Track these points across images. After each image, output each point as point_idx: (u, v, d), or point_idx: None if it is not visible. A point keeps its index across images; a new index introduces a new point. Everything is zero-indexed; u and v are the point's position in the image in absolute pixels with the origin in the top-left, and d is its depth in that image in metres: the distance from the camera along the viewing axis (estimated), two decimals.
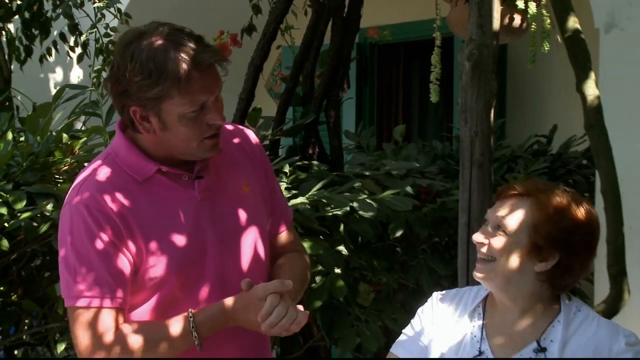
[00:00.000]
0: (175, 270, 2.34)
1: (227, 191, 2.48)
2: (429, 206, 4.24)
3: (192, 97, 2.26)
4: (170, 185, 2.39)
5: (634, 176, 3.73)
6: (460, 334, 2.30)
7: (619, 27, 4.58)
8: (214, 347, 2.36)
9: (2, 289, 4.18)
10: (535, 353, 2.20)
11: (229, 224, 2.45)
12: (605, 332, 2.21)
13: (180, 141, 2.33)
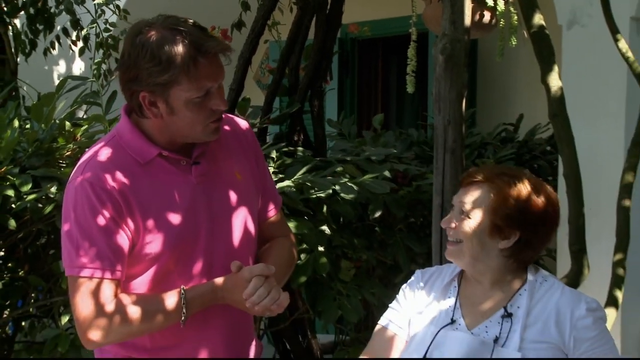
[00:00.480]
0: (170, 247, 2.33)
1: (220, 177, 2.46)
2: (405, 189, 4.25)
3: (199, 84, 2.26)
4: (170, 169, 2.37)
5: (594, 162, 3.74)
6: (439, 306, 2.31)
7: (580, 23, 4.58)
8: (202, 322, 2.37)
9: (10, 265, 4.18)
10: (502, 318, 2.21)
11: (221, 208, 2.44)
12: (567, 299, 2.23)
13: (185, 125, 2.32)
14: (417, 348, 2.26)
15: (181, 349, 2.40)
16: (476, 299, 2.29)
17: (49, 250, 4.14)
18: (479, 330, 2.23)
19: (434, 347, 2.22)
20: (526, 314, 2.21)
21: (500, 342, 2.19)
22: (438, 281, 2.38)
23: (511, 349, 2.17)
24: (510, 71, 6.40)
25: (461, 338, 2.22)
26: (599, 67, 4.41)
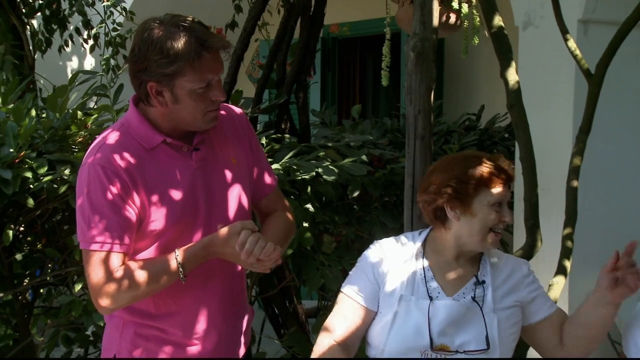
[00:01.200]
0: (173, 223, 2.35)
1: (218, 162, 2.47)
2: (381, 172, 4.25)
3: (202, 76, 2.29)
4: (173, 154, 2.39)
5: (546, 147, 3.75)
6: (408, 273, 2.31)
7: (534, 25, 4.59)
8: (201, 282, 2.39)
9: (29, 239, 4.17)
10: (475, 285, 2.23)
11: (218, 189, 2.45)
12: (514, 263, 2.34)
13: (188, 113, 2.34)
14: (417, 322, 2.24)
15: (182, 314, 2.41)
16: (447, 269, 2.30)
17: (64, 225, 4.14)
18: (457, 297, 2.25)
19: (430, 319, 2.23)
20: (492, 281, 2.24)
21: (481, 304, 2.22)
22: (403, 250, 2.38)
23: (488, 310, 2.22)
24: (473, 67, 6.40)
25: (449, 305, 2.23)
26: (550, 64, 4.42)
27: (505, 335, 2.20)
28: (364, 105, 7.30)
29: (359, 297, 2.34)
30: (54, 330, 4.08)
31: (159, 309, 2.41)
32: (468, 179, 2.24)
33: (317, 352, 2.30)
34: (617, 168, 4.60)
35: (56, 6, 5.62)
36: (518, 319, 2.26)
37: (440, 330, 2.20)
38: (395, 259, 2.35)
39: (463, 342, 2.18)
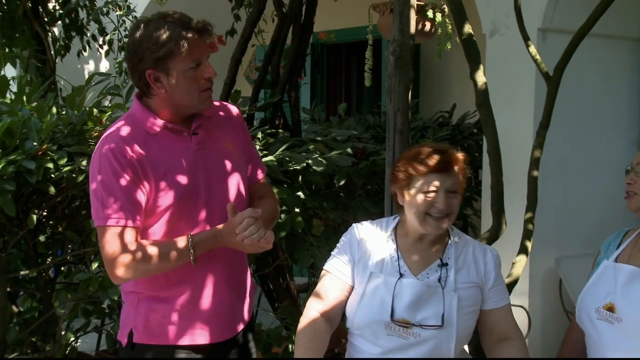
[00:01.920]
0: (177, 199, 2.36)
1: (215, 145, 2.49)
2: (364, 163, 4.25)
3: (191, 55, 2.30)
4: (174, 138, 2.40)
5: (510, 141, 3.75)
6: (381, 254, 2.30)
7: (499, 33, 4.59)
8: (207, 261, 2.39)
9: (51, 222, 4.17)
10: (439, 267, 2.22)
11: (216, 170, 2.46)
12: (479, 249, 2.29)
13: (185, 94, 2.35)
14: (375, 294, 2.25)
15: (190, 282, 2.42)
16: (415, 251, 2.29)
17: (82, 210, 4.13)
18: (422, 277, 2.23)
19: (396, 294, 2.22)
20: (455, 263, 2.23)
21: (443, 285, 2.21)
22: (374, 235, 2.37)
23: (449, 290, 2.19)
24: (446, 69, 6.40)
25: (413, 284, 2.22)
26: (514, 67, 4.43)
27: (463, 313, 2.18)
28: (349, 103, 7.29)
29: (339, 273, 2.34)
30: (74, 303, 4.08)
31: (169, 279, 2.40)
32: (406, 167, 2.26)
33: (302, 323, 2.30)
34: (572, 159, 4.61)
35: (75, 15, 5.60)
36: (478, 299, 2.23)
37: (403, 306, 2.19)
38: (370, 240, 2.35)
39: (423, 318, 2.16)
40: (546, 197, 3.63)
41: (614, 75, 4.85)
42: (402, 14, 2.88)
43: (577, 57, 3.16)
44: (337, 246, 2.42)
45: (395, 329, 2.18)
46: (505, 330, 2.23)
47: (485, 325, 2.26)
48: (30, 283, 4.18)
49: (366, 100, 7.57)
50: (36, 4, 5.29)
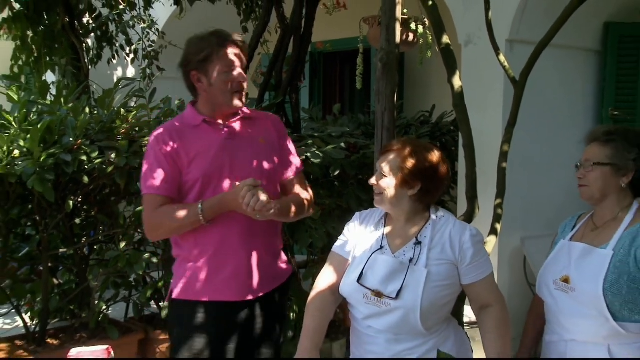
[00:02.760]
0: (202, 176, 2.46)
1: (246, 139, 2.57)
2: (355, 156, 4.24)
3: (225, 61, 2.46)
4: (209, 129, 2.52)
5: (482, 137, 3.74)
6: (372, 239, 2.29)
7: (473, 43, 4.58)
8: (226, 232, 2.48)
9: (85, 207, 4.20)
10: (414, 245, 2.20)
11: (242, 154, 2.53)
12: (457, 229, 2.21)
13: (220, 93, 2.49)
14: (356, 267, 2.24)
15: (212, 249, 2.49)
16: (396, 232, 2.27)
17: (111, 197, 4.14)
18: (399, 254, 2.21)
19: (368, 267, 2.21)
20: (430, 241, 2.20)
21: (414, 261, 2.17)
22: (371, 220, 2.35)
23: (420, 266, 2.16)
24: (427, 75, 6.39)
25: (386, 260, 2.19)
26: (485, 73, 4.43)
27: (431, 287, 2.13)
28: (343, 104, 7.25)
29: (342, 252, 2.34)
30: (105, 277, 4.08)
31: (197, 244, 2.49)
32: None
33: (312, 295, 2.30)
34: (535, 153, 4.62)
35: (105, 28, 5.58)
36: (451, 274, 2.18)
37: (378, 279, 2.18)
38: (367, 224, 2.34)
39: (392, 290, 2.14)
40: (513, 186, 3.63)
41: (572, 81, 4.86)
42: (389, 26, 2.87)
43: (540, 65, 3.15)
44: (344, 231, 2.41)
45: (372, 298, 2.18)
46: (487, 299, 2.22)
47: (470, 295, 2.25)
48: (68, 259, 4.19)
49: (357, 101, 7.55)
50: (72, 18, 5.28)
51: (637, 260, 2.15)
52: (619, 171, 2.25)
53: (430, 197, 2.26)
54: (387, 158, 2.24)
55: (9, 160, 3.39)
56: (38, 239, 3.97)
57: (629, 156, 2.24)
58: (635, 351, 2.17)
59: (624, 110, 4.84)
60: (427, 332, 2.17)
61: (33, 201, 3.82)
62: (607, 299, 2.15)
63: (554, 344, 2.34)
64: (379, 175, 2.25)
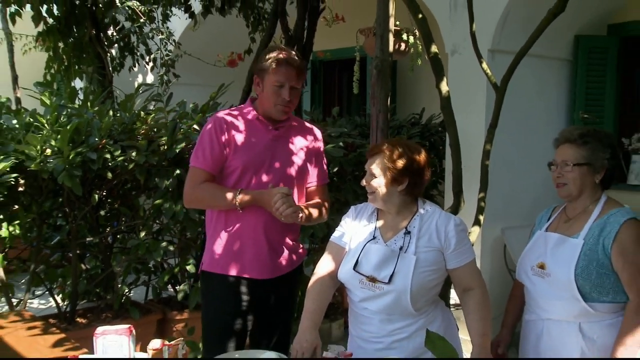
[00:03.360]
0: (243, 164, 2.51)
1: (288, 143, 2.62)
2: (352, 154, 4.24)
3: (278, 77, 2.50)
4: (260, 126, 2.57)
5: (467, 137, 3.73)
6: (366, 230, 2.28)
7: (459, 52, 4.57)
8: (253, 220, 2.52)
9: (109, 200, 4.18)
10: (404, 235, 2.19)
11: (281, 157, 2.58)
12: (443, 219, 2.20)
13: (268, 101, 2.53)
14: (352, 256, 2.23)
15: (239, 232, 2.54)
16: (387, 224, 2.25)
17: (132, 191, 4.13)
18: (390, 243, 2.20)
19: (362, 255, 2.20)
20: (418, 231, 2.18)
21: (404, 249, 2.16)
22: (365, 213, 2.33)
23: (410, 253, 2.15)
24: (417, 80, 6.38)
25: (379, 249, 2.19)
26: (470, 79, 4.41)
27: (419, 272, 2.12)
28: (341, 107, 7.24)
29: (340, 241, 2.33)
30: (127, 263, 4.08)
31: (227, 225, 2.56)
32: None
33: (312, 280, 2.29)
34: (515, 151, 4.61)
35: (127, 40, 5.59)
36: (437, 260, 2.17)
37: (372, 266, 2.17)
38: (361, 217, 2.33)
39: (385, 275, 2.14)
40: (495, 181, 3.62)
41: (547, 87, 4.86)
42: (383, 37, 2.86)
43: (519, 72, 3.14)
44: (341, 222, 2.40)
45: (366, 283, 2.17)
46: (469, 283, 2.21)
47: (454, 279, 2.24)
48: (94, 247, 4.19)
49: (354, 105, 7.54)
50: (98, 31, 5.28)
51: (604, 248, 2.16)
52: (594, 170, 2.25)
53: (417, 190, 2.25)
54: (375, 160, 2.22)
55: (42, 158, 3.40)
56: (68, 228, 3.97)
57: (603, 156, 2.24)
58: (603, 328, 2.18)
59: (592, 113, 4.86)
60: (417, 312, 2.16)
61: (63, 195, 3.82)
62: (578, 282, 2.17)
63: (533, 322, 2.35)
64: (369, 177, 2.23)
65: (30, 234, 3.93)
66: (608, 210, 2.22)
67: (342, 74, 7.71)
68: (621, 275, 2.15)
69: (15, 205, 3.76)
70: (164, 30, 5.58)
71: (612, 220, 2.18)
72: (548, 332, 2.28)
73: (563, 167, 2.28)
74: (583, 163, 2.24)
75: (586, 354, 2.19)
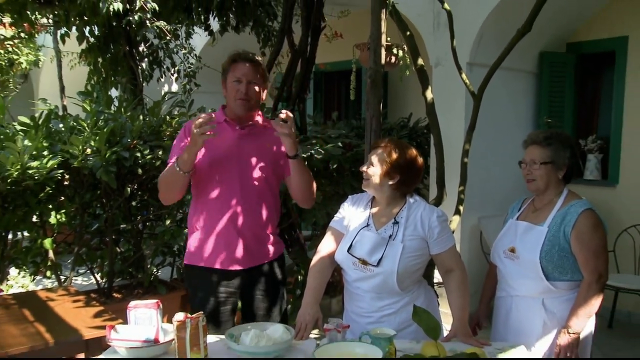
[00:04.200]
0: (209, 161, 2.38)
1: (255, 141, 2.44)
2: (350, 152, 4.22)
3: (234, 73, 2.39)
4: (227, 127, 2.42)
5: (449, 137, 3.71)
6: (361, 217, 2.26)
7: (441, 64, 4.55)
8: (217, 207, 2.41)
9: (139, 193, 4.16)
10: (393, 224, 2.17)
11: (248, 153, 2.41)
12: (427, 211, 2.17)
13: (229, 97, 2.41)
14: (347, 241, 2.21)
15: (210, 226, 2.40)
16: (379, 213, 2.23)
17: None
18: (381, 231, 2.17)
19: (356, 240, 2.18)
20: (405, 221, 2.16)
21: (392, 237, 2.14)
22: (360, 202, 2.31)
23: (397, 241, 2.13)
24: (405, 89, 6.36)
25: (371, 235, 2.17)
26: (451, 88, 4.40)
27: (405, 257, 2.11)
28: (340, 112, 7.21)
29: (338, 226, 2.31)
30: (155, 247, 4.08)
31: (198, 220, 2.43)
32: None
33: (314, 261, 2.27)
34: (490, 150, 4.60)
35: (155, 54, 5.59)
36: (422, 246, 2.15)
37: (365, 250, 2.16)
38: (357, 205, 2.32)
39: (375, 259, 2.12)
40: (472, 176, 3.60)
41: (516, 95, 4.86)
42: (376, 51, 2.84)
43: (492, 83, 3.14)
44: (339, 210, 2.38)
45: (359, 265, 2.15)
46: (450, 265, 2.19)
47: (437, 262, 2.22)
48: (127, 233, 4.18)
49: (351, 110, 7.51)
50: (131, 48, 5.29)
51: (565, 234, 2.18)
52: (558, 167, 2.25)
53: (406, 188, 2.21)
54: (377, 152, 2.20)
55: (83, 156, 3.40)
56: (105, 217, 3.97)
57: (565, 155, 2.25)
58: (562, 303, 2.20)
59: (555, 118, 4.89)
60: (402, 291, 2.15)
61: (101, 188, 3.82)
62: (543, 264, 2.18)
63: (503, 299, 2.35)
64: (368, 164, 2.20)
65: (74, 221, 3.94)
66: (569, 202, 2.23)
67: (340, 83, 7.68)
68: (578, 257, 2.16)
69: (61, 196, 3.77)
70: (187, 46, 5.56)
71: (572, 210, 2.19)
72: (516, 307, 2.29)
73: (532, 166, 2.27)
74: (548, 162, 2.24)
75: (547, 325, 2.20)
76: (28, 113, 3.72)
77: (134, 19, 3.43)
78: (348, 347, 1.85)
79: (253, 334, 1.93)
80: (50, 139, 3.49)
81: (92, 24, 4.89)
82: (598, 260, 2.13)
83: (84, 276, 4.72)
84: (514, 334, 2.26)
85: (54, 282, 4.32)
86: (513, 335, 2.25)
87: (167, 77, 6.02)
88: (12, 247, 3.78)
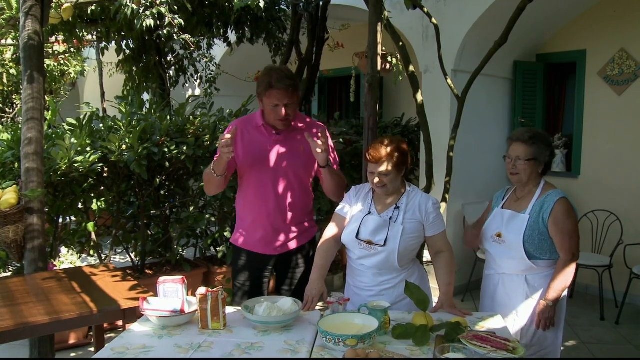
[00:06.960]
0: (248, 160, 2.31)
1: (290, 144, 2.33)
2: (350, 148, 4.18)
3: (271, 99, 2.23)
4: (264, 132, 2.32)
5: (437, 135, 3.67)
6: (364, 200, 2.22)
7: (430, 71, 4.50)
8: (258, 207, 2.35)
9: (167, 183, 4.14)
10: (393, 210, 2.14)
11: (284, 156, 2.32)
12: (424, 199, 2.14)
13: (269, 117, 2.29)
14: (354, 224, 2.17)
15: (248, 217, 2.39)
16: (382, 200, 2.20)
17: (184, 176, 4.09)
18: (383, 215, 2.15)
19: (362, 225, 2.14)
20: (405, 206, 2.14)
21: (393, 220, 2.12)
22: (363, 191, 2.27)
23: (398, 224, 2.11)
24: (399, 92, 6.30)
25: (374, 219, 2.14)
26: (438, 91, 4.35)
27: (404, 238, 2.08)
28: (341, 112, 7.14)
29: (342, 212, 2.27)
30: (181, 230, 4.06)
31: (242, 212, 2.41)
32: (367, 154, 2.13)
33: (321, 242, 2.24)
34: (472, 146, 4.57)
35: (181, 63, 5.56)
36: (419, 229, 2.12)
37: (368, 232, 2.12)
38: (360, 193, 2.28)
39: (379, 239, 2.09)
40: (457, 169, 3.57)
41: (494, 98, 4.82)
42: (373, 59, 2.79)
43: (474, 87, 3.10)
44: (343, 199, 2.33)
45: (364, 245, 2.12)
46: (440, 247, 2.16)
47: (429, 243, 2.19)
48: (156, 218, 4.16)
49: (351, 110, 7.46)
50: (161, 57, 5.28)
51: (544, 220, 2.17)
52: (539, 163, 2.24)
53: (406, 172, 2.18)
54: (383, 163, 2.08)
55: (119, 151, 3.39)
56: (138, 204, 3.95)
57: (546, 153, 2.24)
58: (542, 278, 2.20)
59: (527, 118, 4.87)
60: (401, 268, 2.13)
61: (134, 179, 3.80)
62: (525, 246, 2.18)
63: (491, 276, 2.35)
64: (382, 177, 2.09)
65: (112, 208, 3.93)
66: (546, 192, 2.22)
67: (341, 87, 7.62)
68: (555, 239, 2.16)
69: (101, 186, 3.78)
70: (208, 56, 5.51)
71: (549, 199, 2.18)
72: (502, 283, 2.29)
73: (517, 161, 2.25)
74: (532, 158, 2.23)
75: (529, 297, 2.21)
76: (74, 115, 3.76)
77: (163, 33, 3.40)
78: (348, 318, 1.82)
79: (266, 306, 1.91)
80: (92, 137, 3.49)
81: (128, 38, 4.92)
82: (572, 241, 2.14)
83: (121, 255, 4.72)
84: (500, 306, 2.26)
85: (96, 260, 4.32)
86: (500, 307, 2.25)
87: (191, 83, 5.99)
88: (63, 230, 3.82)
